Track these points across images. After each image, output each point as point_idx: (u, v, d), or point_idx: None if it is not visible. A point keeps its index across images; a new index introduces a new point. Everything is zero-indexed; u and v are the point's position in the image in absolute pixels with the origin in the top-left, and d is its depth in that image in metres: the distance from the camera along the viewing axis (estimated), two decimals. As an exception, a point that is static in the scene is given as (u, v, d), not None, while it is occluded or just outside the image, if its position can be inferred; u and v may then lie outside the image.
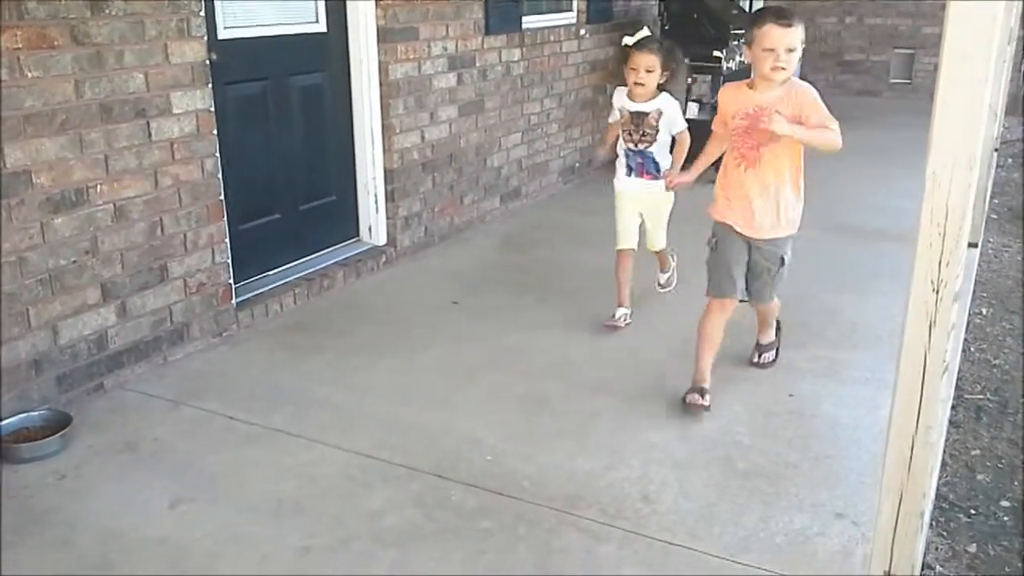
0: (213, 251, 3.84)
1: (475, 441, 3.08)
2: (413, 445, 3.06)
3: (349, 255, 4.86)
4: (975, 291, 4.70)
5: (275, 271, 4.50)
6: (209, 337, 3.87)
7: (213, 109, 3.72)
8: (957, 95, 1.61)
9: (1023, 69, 9.09)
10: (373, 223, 5.02)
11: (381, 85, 4.79)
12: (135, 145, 3.42)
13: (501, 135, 5.87)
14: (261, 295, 4.25)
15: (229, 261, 3.94)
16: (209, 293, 3.85)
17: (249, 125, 4.23)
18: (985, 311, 4.59)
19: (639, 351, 3.83)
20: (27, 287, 3.13)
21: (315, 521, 2.64)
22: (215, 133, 3.75)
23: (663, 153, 3.89)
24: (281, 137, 4.45)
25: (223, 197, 3.84)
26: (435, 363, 3.73)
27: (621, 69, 3.88)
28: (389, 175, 4.95)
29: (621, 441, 3.09)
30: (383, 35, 4.72)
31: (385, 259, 4.94)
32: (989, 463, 3.15)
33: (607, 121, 4.18)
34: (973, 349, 4.11)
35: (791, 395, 3.41)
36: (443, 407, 3.34)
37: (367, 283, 4.72)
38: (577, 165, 6.81)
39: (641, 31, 3.81)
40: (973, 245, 4.76)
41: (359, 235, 5.06)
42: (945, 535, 2.71)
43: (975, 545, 2.66)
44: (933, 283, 1.72)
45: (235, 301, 4.02)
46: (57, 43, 3.09)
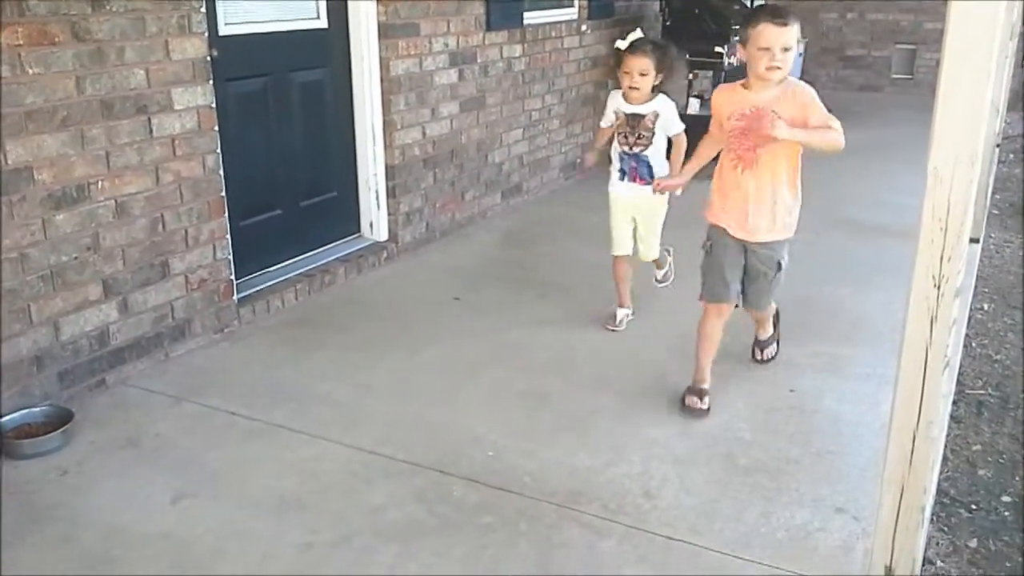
0: (214, 247, 3.84)
1: (476, 437, 3.09)
2: (415, 441, 3.06)
3: (350, 251, 4.87)
4: (976, 287, 4.70)
5: (276, 267, 4.50)
6: (211, 333, 3.88)
7: (214, 105, 3.72)
8: (959, 91, 1.61)
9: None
10: (374, 219, 5.02)
11: (382, 81, 4.79)
12: (136, 141, 3.42)
13: (502, 131, 5.86)
14: (262, 291, 4.26)
15: (230, 257, 3.94)
16: (210, 289, 3.85)
17: (250, 121, 4.23)
18: (986, 307, 4.59)
19: (640, 347, 3.83)
20: (29, 283, 3.13)
21: (317, 517, 2.65)
22: (216, 129, 3.75)
23: (659, 158, 3.80)
24: (282, 133, 4.44)
25: (224, 193, 3.84)
26: (436, 359, 3.73)
27: (615, 72, 3.80)
28: (390, 171, 4.95)
29: (622, 437, 3.09)
30: (384, 31, 4.72)
31: (386, 255, 4.95)
32: (990, 458, 3.15)
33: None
34: (974, 344, 4.11)
35: (792, 391, 3.41)
36: (444, 403, 3.34)
37: (368, 279, 4.72)
38: (578, 161, 6.81)
39: (633, 33, 3.74)
40: (975, 241, 4.77)
41: (360, 231, 5.06)
42: (946, 530, 2.71)
43: (976, 540, 2.66)
44: (935, 278, 1.72)
45: (236, 297, 4.03)
46: (58, 39, 3.09)
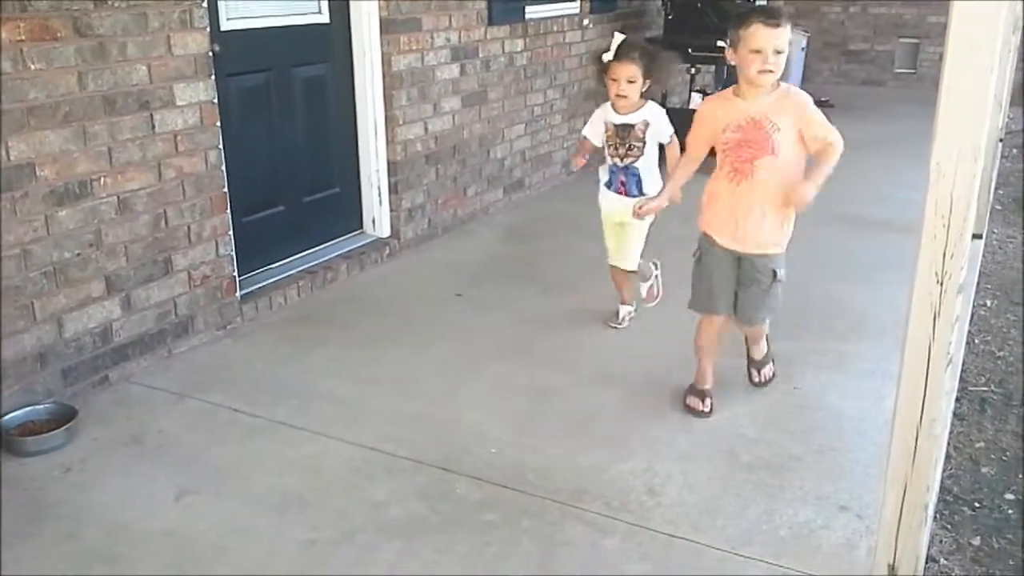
0: (217, 243, 3.84)
1: (479, 434, 3.08)
2: (417, 438, 3.06)
3: (353, 247, 4.86)
4: (979, 283, 4.68)
5: (279, 263, 4.50)
6: (213, 330, 3.88)
7: (216, 101, 3.71)
8: (962, 85, 1.60)
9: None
10: (377, 215, 5.02)
11: (384, 76, 4.78)
12: (138, 137, 3.42)
13: (504, 126, 5.85)
14: (265, 288, 4.25)
15: (233, 253, 3.94)
16: (213, 286, 3.85)
17: (252, 117, 4.22)
18: (989, 303, 4.57)
19: (643, 343, 3.83)
20: (32, 280, 3.14)
21: (320, 514, 2.65)
22: (218, 125, 3.74)
23: (650, 171, 3.69)
24: (284, 129, 4.44)
25: (226, 189, 3.84)
26: (439, 356, 3.73)
27: (602, 80, 3.62)
28: (392, 167, 4.94)
29: (625, 434, 3.09)
30: (386, 26, 4.71)
31: (389, 251, 4.94)
32: (993, 456, 3.14)
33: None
34: (977, 341, 4.10)
35: (796, 387, 3.41)
36: (447, 400, 3.34)
37: (371, 275, 4.72)
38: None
39: (616, 38, 3.58)
40: (977, 236, 4.76)
41: (363, 227, 5.05)
42: (949, 528, 2.70)
43: (979, 538, 2.66)
44: (937, 275, 1.72)
45: (239, 294, 4.03)
46: (60, 35, 3.09)
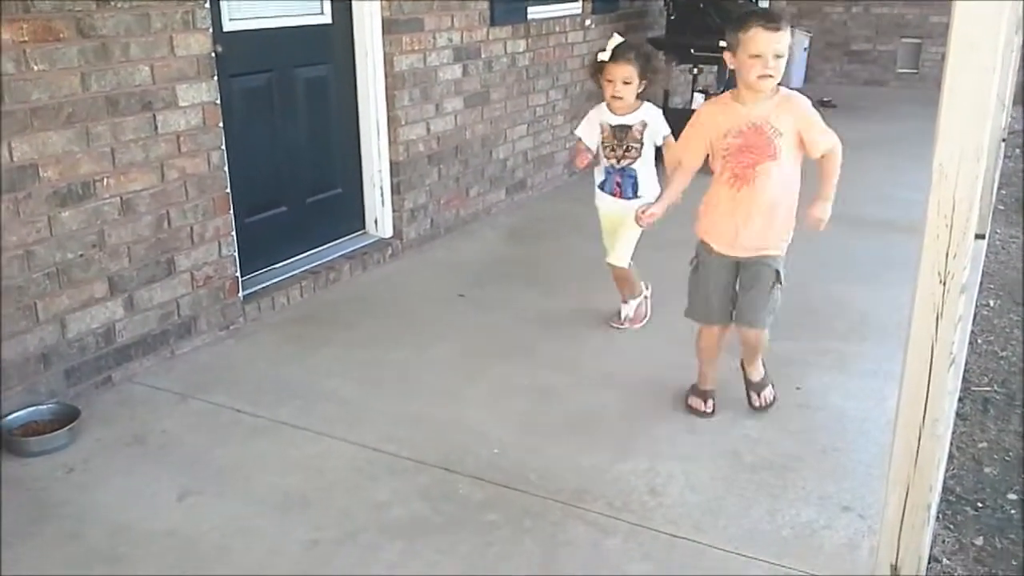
0: (220, 244, 3.84)
1: (482, 434, 3.09)
2: (420, 438, 3.06)
3: (355, 248, 4.87)
4: (982, 282, 4.68)
5: (281, 264, 4.50)
6: (216, 330, 3.88)
7: (219, 101, 3.72)
8: (964, 85, 1.60)
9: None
10: (379, 215, 5.02)
11: (386, 77, 4.79)
12: (141, 138, 3.42)
13: (507, 127, 5.86)
14: (267, 288, 4.26)
15: (236, 254, 3.94)
16: (216, 286, 3.86)
17: (255, 117, 4.23)
18: (992, 303, 4.57)
19: (645, 343, 3.83)
20: (35, 281, 3.14)
21: (322, 514, 2.65)
22: (221, 126, 3.75)
23: (647, 172, 3.69)
24: (287, 129, 4.44)
25: (229, 190, 3.84)
26: (442, 356, 3.73)
27: (597, 81, 3.62)
28: (395, 167, 4.95)
29: (628, 434, 3.09)
30: (388, 26, 4.71)
31: (391, 252, 4.95)
32: (996, 456, 3.14)
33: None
34: (980, 341, 4.09)
35: (798, 388, 3.40)
36: (450, 400, 3.34)
37: (373, 276, 4.72)
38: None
39: (613, 39, 3.57)
40: (980, 236, 4.76)
41: (365, 228, 5.06)
42: (952, 528, 2.70)
43: (982, 538, 2.66)
44: (940, 275, 1.72)
45: (242, 294, 4.03)
46: (63, 36, 3.09)
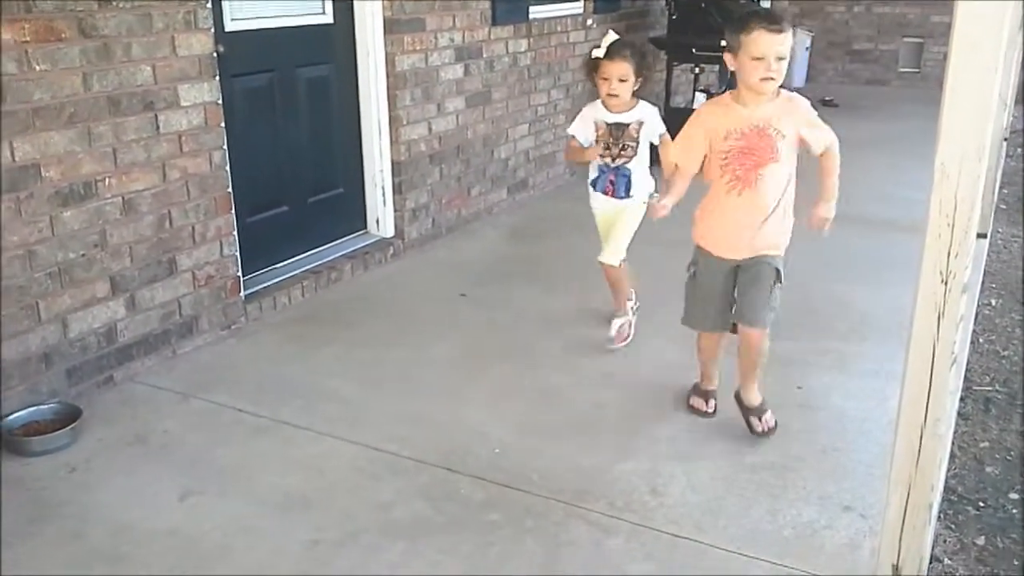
0: (221, 244, 3.84)
1: (483, 434, 3.09)
2: (421, 438, 3.06)
3: (357, 247, 4.87)
4: (984, 282, 4.68)
5: (283, 264, 4.50)
6: (218, 330, 3.88)
7: (220, 101, 3.72)
8: (966, 85, 1.60)
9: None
10: (381, 215, 5.02)
11: (388, 76, 4.79)
12: (143, 138, 3.42)
13: (508, 126, 5.86)
14: (269, 288, 4.26)
15: (237, 254, 3.94)
16: (217, 286, 3.86)
17: (256, 117, 4.23)
18: (994, 302, 4.57)
19: (646, 344, 3.82)
20: (37, 280, 3.14)
21: (323, 514, 2.65)
22: (222, 125, 3.75)
23: (641, 171, 3.64)
24: (288, 129, 4.45)
25: (231, 189, 3.84)
26: (443, 355, 3.73)
27: (592, 78, 3.58)
28: (396, 167, 4.95)
29: (629, 434, 3.09)
30: (390, 26, 4.71)
31: (393, 251, 4.95)
32: (998, 455, 3.14)
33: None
34: (982, 340, 4.09)
35: (799, 388, 3.40)
36: (451, 400, 3.35)
37: (375, 275, 4.72)
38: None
39: (608, 36, 3.51)
40: (982, 236, 4.75)
41: (367, 227, 5.06)
42: (953, 528, 2.70)
43: (984, 538, 2.65)
44: (942, 274, 1.72)
45: (243, 294, 4.03)
46: (65, 36, 3.10)
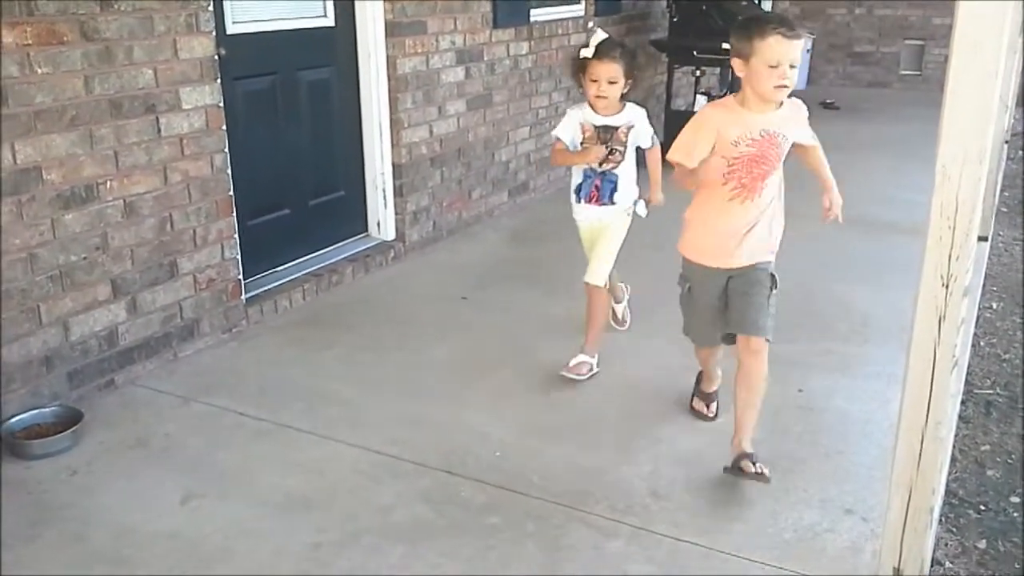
0: (222, 247, 3.84)
1: (484, 436, 3.09)
2: (422, 440, 3.06)
3: (358, 250, 4.87)
4: (985, 285, 4.68)
5: (284, 267, 4.50)
6: (219, 333, 3.88)
7: (222, 104, 3.72)
8: (967, 87, 1.60)
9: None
10: (382, 218, 5.02)
11: (389, 79, 4.79)
12: (144, 141, 3.43)
13: (509, 129, 5.86)
14: (270, 291, 4.26)
15: (238, 257, 3.95)
16: (219, 289, 3.86)
17: (258, 120, 4.23)
18: (995, 305, 4.56)
19: (646, 344, 3.82)
20: (38, 283, 3.14)
21: (325, 516, 2.65)
22: (224, 128, 3.75)
23: (628, 178, 3.47)
24: (289, 132, 4.45)
25: (232, 192, 3.84)
26: (444, 358, 3.73)
27: (579, 79, 3.39)
28: (397, 170, 4.95)
29: (630, 436, 3.09)
30: (391, 29, 4.72)
31: (394, 254, 4.95)
32: (999, 459, 3.13)
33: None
34: (983, 344, 4.09)
35: (801, 390, 3.40)
36: (452, 402, 3.35)
37: (376, 278, 4.73)
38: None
39: (596, 35, 3.33)
40: (983, 239, 4.75)
41: (368, 230, 5.06)
42: (955, 531, 2.70)
43: (985, 541, 2.65)
44: (943, 277, 1.72)
45: (244, 297, 4.03)
46: (66, 39, 3.10)
